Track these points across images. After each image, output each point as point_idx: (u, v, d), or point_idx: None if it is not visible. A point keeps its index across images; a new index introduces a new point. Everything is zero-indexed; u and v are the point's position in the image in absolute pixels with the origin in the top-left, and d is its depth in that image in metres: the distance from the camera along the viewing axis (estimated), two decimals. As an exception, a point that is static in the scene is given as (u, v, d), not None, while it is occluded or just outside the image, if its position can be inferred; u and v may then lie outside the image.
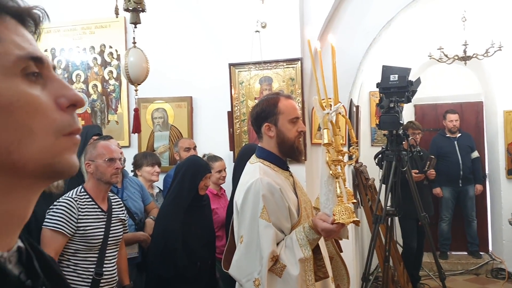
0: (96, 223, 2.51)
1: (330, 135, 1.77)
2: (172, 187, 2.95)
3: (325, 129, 1.76)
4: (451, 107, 6.22)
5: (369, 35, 4.14)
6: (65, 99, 0.63)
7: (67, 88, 0.64)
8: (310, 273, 1.82)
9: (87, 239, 2.46)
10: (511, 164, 5.86)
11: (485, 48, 5.12)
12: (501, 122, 5.93)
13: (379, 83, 3.94)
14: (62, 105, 0.63)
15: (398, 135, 3.95)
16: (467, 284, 5.65)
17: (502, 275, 5.76)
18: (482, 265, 5.98)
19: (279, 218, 1.88)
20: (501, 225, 5.88)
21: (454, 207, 6.12)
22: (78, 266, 2.44)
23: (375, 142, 6.19)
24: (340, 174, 1.77)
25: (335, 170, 1.77)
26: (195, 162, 3.00)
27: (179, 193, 2.86)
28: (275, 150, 2.03)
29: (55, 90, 0.63)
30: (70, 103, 0.64)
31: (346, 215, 1.74)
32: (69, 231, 2.41)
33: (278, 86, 3.90)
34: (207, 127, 4.35)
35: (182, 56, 4.34)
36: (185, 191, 2.85)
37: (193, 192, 2.85)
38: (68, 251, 2.44)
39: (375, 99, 5.99)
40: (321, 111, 1.79)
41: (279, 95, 2.09)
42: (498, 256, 6.03)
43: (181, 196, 2.84)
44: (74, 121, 0.64)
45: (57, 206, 2.45)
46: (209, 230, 3.00)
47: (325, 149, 1.79)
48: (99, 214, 2.55)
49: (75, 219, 2.43)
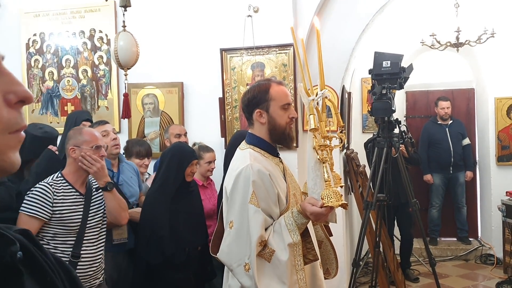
0: (73, 207, 2.52)
1: (316, 121, 1.77)
2: (158, 174, 2.94)
3: (311, 115, 1.76)
4: (443, 94, 6.23)
5: (361, 21, 4.11)
6: (14, 95, 0.61)
7: (16, 84, 0.62)
8: (299, 258, 1.83)
9: (65, 223, 2.48)
10: (501, 151, 5.90)
11: (478, 35, 5.11)
12: (492, 109, 5.96)
13: (372, 70, 3.93)
14: (10, 102, 0.60)
15: (390, 121, 3.95)
16: (456, 270, 5.72)
17: (491, 261, 5.84)
18: (471, 251, 6.06)
19: (268, 203, 1.88)
20: (490, 211, 5.94)
21: (444, 194, 6.17)
22: (57, 249, 2.46)
23: (366, 129, 6.20)
24: (326, 159, 1.78)
25: (322, 155, 1.77)
26: (180, 149, 2.99)
27: (165, 180, 2.84)
28: (266, 136, 2.03)
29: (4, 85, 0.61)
30: (19, 100, 0.61)
31: (334, 198, 1.75)
32: (45, 215, 2.44)
33: (270, 72, 3.88)
34: (198, 113, 4.32)
35: (173, 41, 4.30)
36: (171, 178, 2.84)
37: (180, 179, 2.84)
38: (47, 235, 2.47)
39: (367, 85, 5.98)
40: (306, 98, 1.78)
41: (271, 81, 2.08)
42: (487, 242, 6.10)
43: (167, 183, 2.83)
44: (22, 118, 0.62)
45: (33, 192, 2.48)
46: (198, 216, 3.00)
47: (312, 135, 1.79)
48: (77, 198, 2.55)
49: (50, 203, 2.45)
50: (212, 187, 3.65)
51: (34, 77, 4.58)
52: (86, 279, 2.52)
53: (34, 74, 4.58)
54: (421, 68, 5.83)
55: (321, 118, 1.77)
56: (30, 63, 4.58)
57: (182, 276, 2.73)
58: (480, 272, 5.63)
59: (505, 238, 5.18)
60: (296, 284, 1.83)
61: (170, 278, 2.70)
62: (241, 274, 1.82)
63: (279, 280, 1.79)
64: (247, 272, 1.80)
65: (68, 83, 4.55)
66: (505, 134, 5.87)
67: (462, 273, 5.60)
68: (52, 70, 4.56)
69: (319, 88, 1.79)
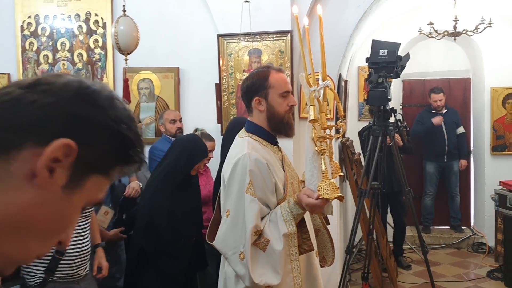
0: None
1: (316, 112, 1.76)
2: (165, 162, 2.89)
3: (311, 106, 1.75)
4: (439, 83, 6.23)
5: (359, 9, 4.08)
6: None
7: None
8: (294, 248, 1.84)
9: None
10: (496, 141, 5.93)
11: (475, 25, 5.10)
12: (487, 99, 5.97)
13: (369, 58, 3.92)
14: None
15: (386, 110, 3.95)
16: (448, 258, 5.78)
17: (482, 249, 5.91)
18: (463, 239, 6.12)
19: (265, 193, 1.88)
20: (484, 200, 5.99)
21: (438, 182, 6.21)
22: None
23: (362, 117, 6.21)
24: (325, 150, 1.77)
25: (320, 147, 1.77)
26: (195, 143, 2.91)
27: (173, 170, 2.79)
28: (265, 124, 2.02)
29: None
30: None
31: (331, 190, 1.75)
32: None
33: (267, 58, 3.86)
34: (194, 99, 4.30)
35: (170, 26, 4.26)
36: (179, 170, 2.79)
37: (187, 172, 2.81)
38: None
39: (364, 73, 5.98)
40: (308, 88, 1.77)
41: (270, 68, 2.06)
42: (480, 230, 6.17)
43: (174, 174, 2.79)
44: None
45: None
46: (196, 208, 2.99)
47: (311, 126, 1.78)
48: None
49: None
50: (208, 174, 3.65)
51: (29, 60, 4.53)
52: (72, 269, 2.51)
53: (28, 57, 4.53)
54: (418, 57, 5.83)
55: (322, 109, 1.76)
56: (24, 46, 4.52)
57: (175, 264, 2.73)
58: (472, 260, 5.70)
59: (497, 227, 5.24)
60: (290, 274, 1.84)
61: (163, 266, 2.71)
62: (236, 262, 1.83)
63: (273, 269, 1.80)
64: (241, 260, 1.81)
65: (63, 66, 4.50)
66: (500, 124, 5.89)
67: (454, 261, 5.67)
68: (47, 53, 4.51)
69: (321, 78, 1.78)
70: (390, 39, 4.06)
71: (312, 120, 1.75)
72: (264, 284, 1.80)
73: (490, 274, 5.12)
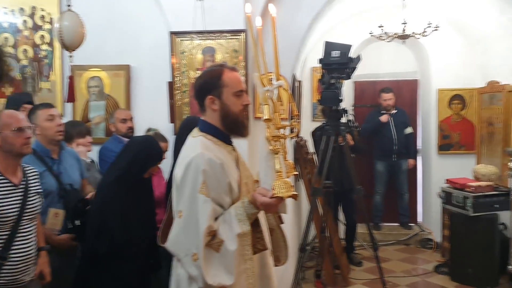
0: (6, 198, 2.37)
1: (271, 112, 1.76)
2: (118, 164, 2.80)
3: (266, 105, 1.74)
4: (389, 85, 6.42)
5: (312, 10, 4.14)
6: None
7: None
8: (247, 248, 1.83)
9: None
10: (442, 140, 6.17)
11: (423, 28, 5.28)
12: (434, 100, 6.20)
13: (321, 59, 3.98)
14: None
15: (338, 110, 4.02)
16: (397, 254, 5.96)
17: (430, 245, 6.13)
18: (412, 236, 6.33)
19: (219, 193, 1.86)
20: (431, 198, 6.21)
21: (387, 181, 6.38)
22: None
23: (316, 117, 6.29)
24: (279, 150, 1.77)
25: (275, 146, 1.76)
26: (151, 146, 2.83)
27: (126, 172, 2.70)
28: (219, 124, 1.99)
29: None
30: None
31: (285, 189, 1.75)
32: None
33: (221, 57, 3.84)
34: (146, 97, 4.22)
35: (120, 23, 4.17)
36: (133, 173, 2.71)
37: (141, 175, 2.74)
38: None
39: (317, 74, 6.06)
40: (262, 88, 1.76)
41: (223, 67, 2.03)
42: (427, 227, 6.39)
43: (127, 177, 2.70)
44: None
45: None
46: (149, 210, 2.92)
47: (265, 125, 1.77)
48: (10, 188, 2.41)
49: None
50: (160, 175, 3.58)
51: (-31, 55, 4.29)
52: (15, 275, 2.39)
53: (-32, 52, 4.29)
54: (369, 58, 5.95)
55: (276, 109, 1.76)
56: (-37, 40, 4.28)
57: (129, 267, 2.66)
58: (420, 256, 5.90)
59: (444, 223, 5.44)
60: (244, 274, 1.83)
61: (116, 270, 2.63)
62: (189, 264, 1.80)
63: (226, 269, 1.78)
64: (194, 262, 1.78)
65: (6, 63, 4.29)
66: (446, 124, 6.13)
67: (402, 257, 5.85)
68: (-12, 48, 4.29)
69: (275, 78, 1.78)
70: (342, 40, 4.12)
71: (267, 120, 1.74)
72: (218, 285, 1.78)
73: (437, 269, 5.32)
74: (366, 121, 6.30)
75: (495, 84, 5.48)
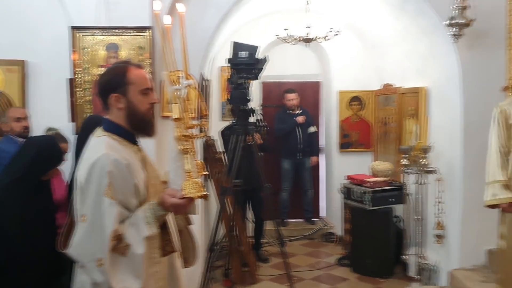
0: None
1: (180, 111, 1.73)
2: (14, 165, 2.58)
3: (175, 104, 1.71)
4: (294, 86, 6.64)
5: (220, 10, 4.16)
6: None
7: None
8: (156, 250, 1.79)
9: None
10: (343, 139, 6.52)
11: (325, 32, 5.51)
12: (335, 101, 6.53)
13: (230, 59, 4.01)
14: None
15: (246, 110, 4.08)
16: (302, 248, 6.19)
17: (332, 239, 6.44)
18: (316, 230, 6.60)
19: (125, 195, 1.79)
20: (333, 194, 6.53)
21: (293, 178, 6.60)
22: None
23: (225, 117, 6.32)
24: (189, 150, 1.75)
25: (184, 146, 1.74)
26: (51, 147, 2.65)
27: (24, 176, 2.50)
28: (124, 123, 1.91)
29: None
30: None
31: (195, 189, 1.74)
32: None
33: (126, 54, 3.72)
34: (44, 95, 3.97)
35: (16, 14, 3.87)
36: (31, 176, 2.52)
37: (40, 177, 2.55)
38: None
39: (225, 74, 6.09)
40: (171, 87, 1.73)
41: (129, 64, 1.96)
42: (330, 221, 6.71)
43: (26, 180, 2.51)
44: None
45: None
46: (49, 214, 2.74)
47: (175, 125, 1.74)
48: None
49: None
50: (60, 177, 3.37)
51: None
52: None
53: None
54: (275, 60, 6.10)
55: (186, 108, 1.73)
56: None
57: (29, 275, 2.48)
58: (323, 250, 6.18)
59: (345, 218, 5.74)
60: (153, 277, 1.79)
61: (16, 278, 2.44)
62: (93, 270, 1.72)
63: (134, 274, 1.73)
64: (99, 267, 1.70)
65: None
66: (346, 124, 6.50)
67: (307, 251, 6.08)
68: None
69: (184, 77, 1.76)
70: (249, 41, 4.19)
71: (176, 119, 1.71)
72: (125, 290, 1.71)
73: (339, 262, 5.60)
74: (278, 121, 6.47)
75: (389, 87, 5.90)
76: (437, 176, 4.56)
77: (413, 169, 4.55)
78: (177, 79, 1.78)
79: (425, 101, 4.98)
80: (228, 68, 4.19)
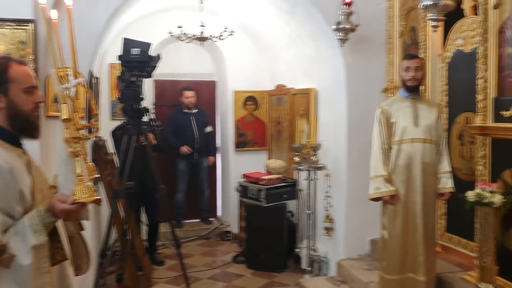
0: None
1: (70, 111, 1.63)
2: None
3: (64, 104, 1.61)
4: (189, 84, 6.60)
5: (110, 6, 4.01)
6: None
7: None
8: (45, 260, 1.67)
9: None
10: (239, 138, 6.63)
11: (220, 32, 5.55)
12: (231, 100, 6.61)
13: (121, 56, 3.87)
14: None
15: (139, 109, 3.97)
16: (199, 249, 6.18)
17: (228, 237, 6.52)
18: (212, 230, 6.64)
19: (8, 202, 1.64)
20: (229, 192, 6.61)
21: (189, 178, 6.56)
22: None
23: (116, 116, 6.09)
24: (80, 152, 1.66)
25: (75, 148, 1.64)
26: None
27: None
28: (5, 124, 1.75)
29: None
30: None
31: (88, 194, 1.65)
32: None
33: (5, 48, 3.42)
34: None
35: None
36: None
37: None
38: None
39: (115, 71, 5.86)
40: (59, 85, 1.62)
41: (10, 59, 1.79)
42: (226, 220, 6.78)
43: None
44: None
45: None
46: None
47: (64, 126, 1.64)
48: None
49: None
50: None
51: None
52: None
53: None
54: (169, 58, 6.02)
55: (76, 108, 1.63)
56: None
57: None
58: (219, 248, 6.23)
59: (240, 215, 5.85)
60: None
61: None
62: (-29, 285, 1.56)
63: (20, 287, 1.60)
64: (-23, 282, 1.55)
65: None
66: (242, 123, 6.62)
67: (203, 251, 6.09)
68: None
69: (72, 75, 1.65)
70: (141, 38, 4.07)
71: (66, 120, 1.61)
72: (11, 304, 1.58)
73: (234, 259, 5.69)
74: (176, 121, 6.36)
75: (282, 88, 6.12)
76: (325, 172, 4.82)
77: (304, 166, 4.77)
78: (65, 76, 1.67)
79: (315, 102, 5.25)
80: (119, 65, 4.04)
